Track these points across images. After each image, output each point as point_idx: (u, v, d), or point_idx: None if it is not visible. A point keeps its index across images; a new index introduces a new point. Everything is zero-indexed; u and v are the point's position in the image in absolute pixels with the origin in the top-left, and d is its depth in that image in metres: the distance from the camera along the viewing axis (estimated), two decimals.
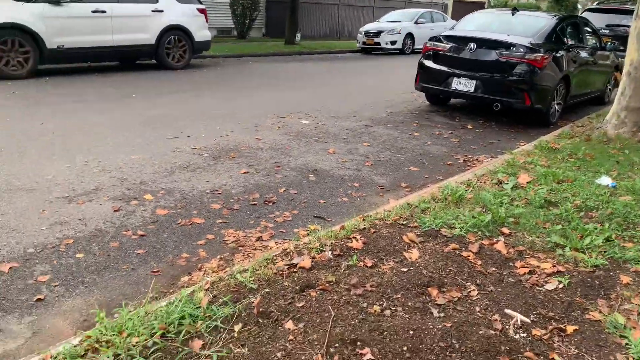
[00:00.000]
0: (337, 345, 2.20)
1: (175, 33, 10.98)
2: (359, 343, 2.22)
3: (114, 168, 4.78)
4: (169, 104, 7.72)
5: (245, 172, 4.89)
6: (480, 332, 2.37)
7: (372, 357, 2.13)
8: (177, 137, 5.89)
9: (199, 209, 4.05)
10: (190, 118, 6.82)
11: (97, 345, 2.13)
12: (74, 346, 2.16)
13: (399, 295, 2.67)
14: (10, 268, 3.04)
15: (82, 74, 10.16)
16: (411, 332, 2.32)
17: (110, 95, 8.12)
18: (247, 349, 2.14)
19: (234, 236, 3.65)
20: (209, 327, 2.28)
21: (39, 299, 2.78)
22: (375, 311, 2.49)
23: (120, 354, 2.09)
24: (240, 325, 2.31)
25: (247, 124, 6.70)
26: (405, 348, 2.21)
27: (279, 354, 2.12)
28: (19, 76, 8.72)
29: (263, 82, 10.54)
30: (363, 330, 2.31)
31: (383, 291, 2.70)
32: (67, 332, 2.54)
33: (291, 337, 2.23)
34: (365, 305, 2.55)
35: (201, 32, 11.52)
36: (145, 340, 2.18)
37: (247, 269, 2.86)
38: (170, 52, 11.06)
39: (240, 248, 3.49)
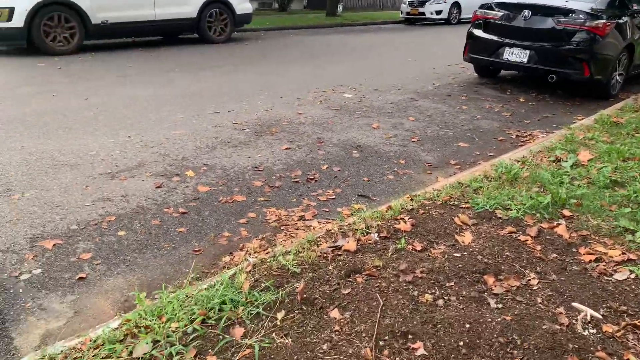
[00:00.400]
0: (386, 338, 2.04)
1: (217, 6, 10.85)
2: (410, 336, 2.06)
3: (156, 144, 4.73)
4: (210, 78, 7.64)
5: (287, 148, 4.74)
6: (544, 327, 2.16)
7: (425, 353, 1.97)
8: (219, 112, 5.80)
9: (241, 186, 3.94)
10: (231, 93, 6.72)
11: (135, 331, 2.05)
12: (113, 330, 2.10)
13: (452, 283, 2.48)
14: (54, 245, 3.02)
15: (125, 49, 10.21)
16: (467, 326, 2.13)
17: (153, 70, 8.11)
18: (290, 339, 2.02)
19: (276, 215, 3.53)
20: (251, 314, 2.17)
21: (81, 278, 2.75)
22: (427, 300, 2.32)
23: (159, 340, 2.00)
24: (283, 312, 2.19)
25: (289, 98, 6.53)
26: (461, 343, 2.03)
27: (324, 346, 1.99)
28: (65, 52, 8.83)
29: (304, 55, 10.31)
30: (415, 322, 2.14)
31: (435, 278, 2.52)
32: (108, 312, 2.50)
33: (337, 328, 2.10)
34: (415, 293, 2.38)
35: (242, 5, 11.34)
36: (185, 326, 2.09)
37: (290, 252, 2.73)
38: (211, 26, 10.96)
39: (282, 227, 3.37)
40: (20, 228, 3.18)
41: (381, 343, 2.02)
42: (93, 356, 1.94)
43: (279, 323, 2.13)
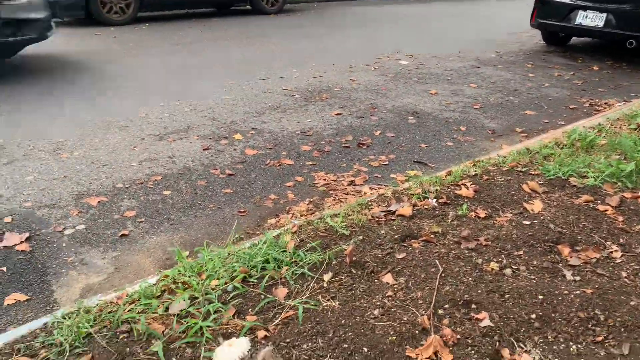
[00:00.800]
0: (446, 306, 1.81)
1: None
2: (473, 306, 1.82)
3: (206, 108, 4.62)
4: (261, 47, 7.47)
5: (337, 114, 4.51)
6: (632, 304, 1.86)
7: (491, 324, 1.72)
8: (269, 79, 5.63)
9: (289, 150, 3.76)
10: (282, 60, 6.53)
11: (173, 286, 1.92)
12: (151, 286, 1.97)
13: (521, 252, 2.20)
14: (99, 202, 2.96)
15: (179, 21, 10.22)
16: (540, 297, 1.87)
17: (205, 39, 8.03)
18: (337, 302, 1.83)
19: (325, 179, 3.33)
20: (295, 274, 1.99)
21: (123, 235, 2.66)
22: (492, 269, 2.06)
23: (197, 297, 1.86)
24: (330, 274, 1.99)
25: (341, 66, 6.27)
26: (533, 316, 1.77)
27: (375, 312, 1.78)
28: (121, 22, 8.91)
29: (357, 24, 9.96)
30: (479, 291, 1.90)
31: (501, 246, 2.25)
32: (148, 269, 2.39)
33: (390, 293, 1.88)
34: (479, 261, 2.12)
35: None
36: (225, 283, 1.94)
37: (339, 214, 2.52)
38: None
39: (331, 192, 3.16)
40: (67, 185, 3.14)
41: (440, 311, 1.79)
42: (128, 310, 1.83)
43: (325, 285, 1.94)
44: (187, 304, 1.82)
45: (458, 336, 1.65)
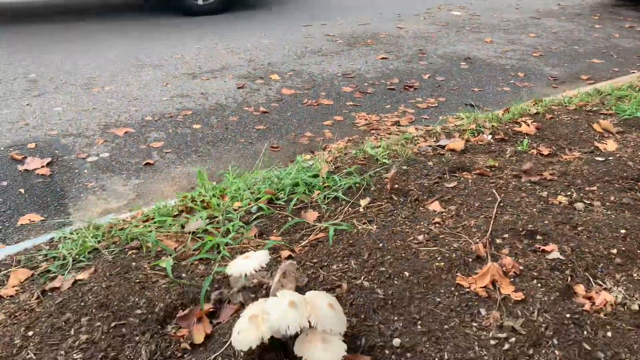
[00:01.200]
0: (505, 236, 1.52)
1: None
2: (539, 237, 1.52)
3: (243, 50, 4.39)
4: None
5: (383, 58, 4.18)
6: None
7: (562, 257, 1.42)
8: (311, 25, 5.32)
9: (328, 91, 3.49)
10: (327, 9, 6.18)
11: (191, 205, 1.71)
12: (168, 206, 1.77)
13: (594, 188, 1.87)
14: (126, 132, 2.80)
15: None
16: (622, 232, 1.55)
17: None
18: (375, 226, 1.57)
19: (366, 119, 3.05)
20: (328, 198, 1.74)
21: (148, 163, 2.49)
22: (560, 202, 1.74)
23: (216, 216, 1.64)
24: (368, 200, 1.73)
25: (389, 15, 5.88)
26: (614, 251, 1.46)
27: (419, 237, 1.51)
28: None
29: None
30: (545, 222, 1.59)
31: (570, 181, 1.92)
32: (171, 197, 2.20)
33: (438, 220, 1.61)
34: (544, 194, 1.81)
35: None
36: (249, 204, 1.71)
37: (380, 145, 2.25)
38: None
39: (372, 131, 2.88)
40: (95, 116, 3.00)
41: (498, 241, 1.50)
42: (142, 227, 1.63)
43: (361, 210, 1.68)
44: (205, 222, 1.61)
45: (521, 267, 1.37)
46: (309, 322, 1.05)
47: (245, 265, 1.16)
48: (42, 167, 2.43)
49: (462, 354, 1.10)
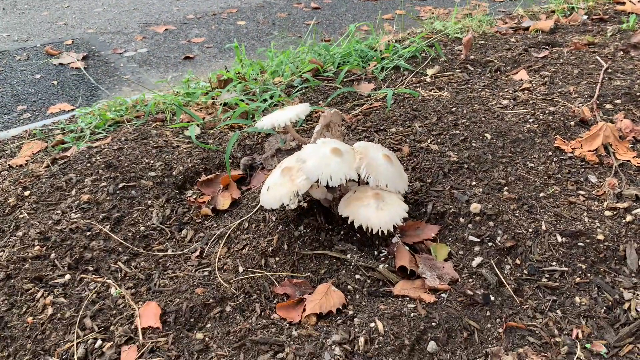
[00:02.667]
0: (617, 101, 1.17)
1: None
2: None
3: None
4: None
5: None
6: None
7: None
8: None
9: None
10: None
11: (226, 77, 1.46)
12: (202, 84, 1.54)
13: None
14: (166, 29, 2.58)
15: None
16: None
17: None
18: (446, 93, 1.26)
19: (432, 12, 2.65)
20: (386, 69, 1.44)
21: (187, 57, 2.26)
22: None
23: (252, 88, 1.39)
24: (436, 69, 1.41)
25: None
26: None
27: (504, 102, 1.19)
28: None
29: None
30: None
31: None
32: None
33: (526, 86, 1.27)
34: None
35: None
36: (292, 75, 1.44)
37: (449, 25, 1.89)
38: None
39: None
40: (135, 16, 2.79)
41: (608, 106, 1.16)
42: (168, 103, 1.41)
43: (428, 80, 1.37)
44: (240, 95, 1.36)
45: None
46: (358, 175, 0.79)
47: (280, 116, 0.90)
48: (77, 61, 2.26)
49: (565, 225, 0.81)
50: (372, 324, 0.67)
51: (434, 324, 0.68)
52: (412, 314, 0.69)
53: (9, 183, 1.10)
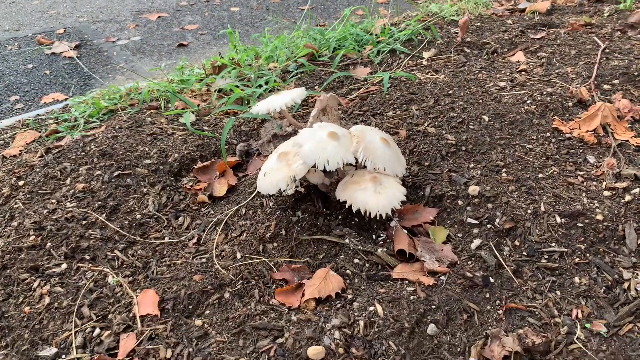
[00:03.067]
0: (615, 81, 1.16)
1: None
2: None
3: None
4: None
5: None
6: None
7: None
8: None
9: None
10: None
11: (220, 62, 1.44)
12: (196, 71, 1.52)
13: None
14: (159, 17, 2.54)
15: None
16: None
17: None
18: (443, 75, 1.24)
19: None
20: (382, 52, 1.42)
21: (181, 45, 2.24)
22: None
23: (247, 74, 1.37)
24: (433, 51, 1.40)
25: None
26: None
27: (501, 84, 1.18)
28: None
29: None
30: None
31: None
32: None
33: (523, 68, 1.26)
34: None
35: None
36: (287, 60, 1.43)
37: (445, 7, 1.87)
38: None
39: None
40: (128, 3, 2.75)
41: (606, 87, 1.15)
42: (162, 90, 1.39)
43: (425, 63, 1.35)
44: (235, 81, 1.34)
45: None
46: (355, 158, 0.78)
47: (275, 100, 0.89)
48: (70, 50, 2.23)
49: (564, 206, 0.81)
50: (372, 308, 0.67)
51: (433, 306, 0.68)
52: (411, 297, 0.69)
53: (2, 173, 1.09)
